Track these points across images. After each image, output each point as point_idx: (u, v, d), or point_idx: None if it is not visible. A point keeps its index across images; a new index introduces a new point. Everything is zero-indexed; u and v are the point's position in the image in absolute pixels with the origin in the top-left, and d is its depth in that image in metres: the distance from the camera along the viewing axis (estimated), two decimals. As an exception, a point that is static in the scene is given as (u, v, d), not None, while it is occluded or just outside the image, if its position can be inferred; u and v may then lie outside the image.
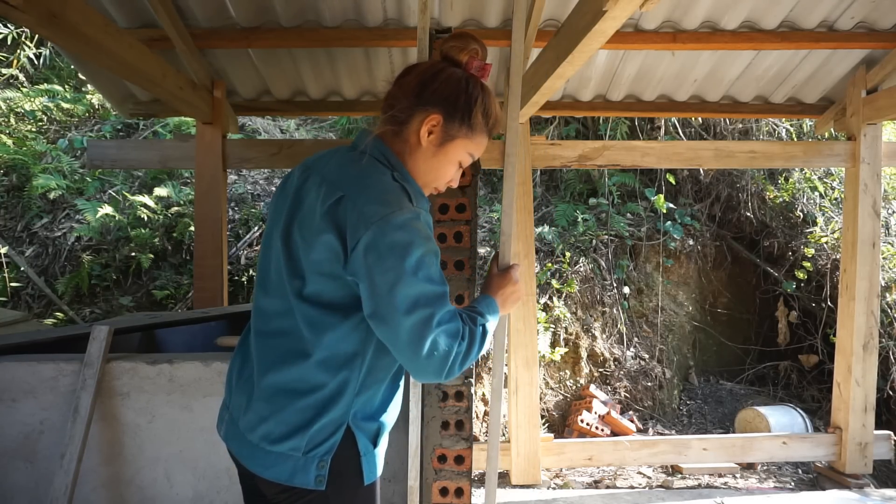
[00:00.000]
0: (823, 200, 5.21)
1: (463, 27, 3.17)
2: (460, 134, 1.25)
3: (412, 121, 1.24)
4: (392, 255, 1.09)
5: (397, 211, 1.12)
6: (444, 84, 1.23)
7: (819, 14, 3.10)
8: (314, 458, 1.18)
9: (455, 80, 1.24)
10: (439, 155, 1.27)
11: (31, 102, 5.47)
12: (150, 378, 2.01)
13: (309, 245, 1.17)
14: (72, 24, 1.93)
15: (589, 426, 4.17)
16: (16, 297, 4.48)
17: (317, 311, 1.18)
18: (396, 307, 1.09)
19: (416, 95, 1.23)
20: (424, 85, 1.24)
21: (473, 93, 1.24)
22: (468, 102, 1.23)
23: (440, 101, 1.22)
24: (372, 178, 1.19)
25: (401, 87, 1.27)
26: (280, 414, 1.20)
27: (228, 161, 3.45)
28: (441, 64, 1.27)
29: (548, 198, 5.51)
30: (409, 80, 1.27)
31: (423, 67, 1.29)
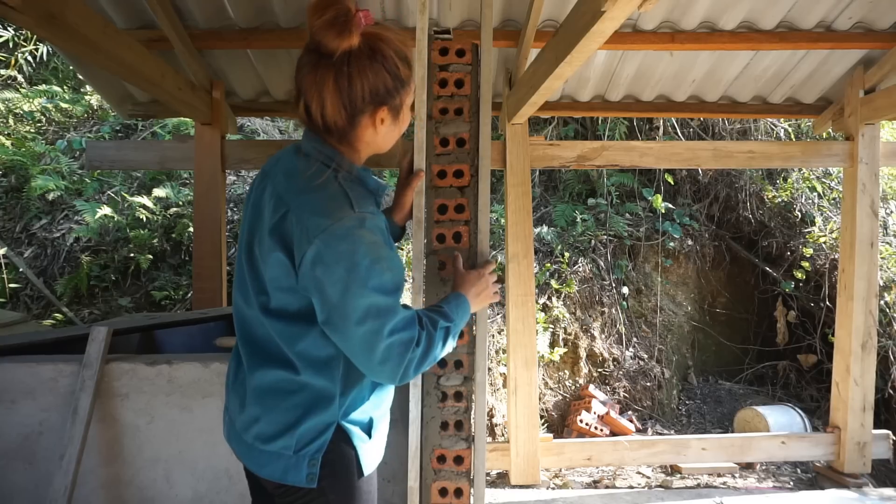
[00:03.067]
0: (822, 200, 5.22)
1: (462, 27, 3.17)
2: (404, 97, 1.24)
3: (361, 129, 1.22)
4: (339, 266, 1.09)
5: (337, 221, 1.10)
6: (365, 83, 1.16)
7: (817, 14, 3.11)
8: (305, 457, 1.20)
9: (366, 70, 1.16)
10: (398, 125, 1.27)
11: (29, 103, 5.46)
12: (149, 379, 2.01)
13: (265, 263, 1.19)
14: (70, 25, 1.93)
15: (588, 426, 4.17)
16: (15, 298, 4.47)
17: (285, 324, 1.19)
18: (347, 317, 1.11)
19: (349, 115, 1.18)
20: (351, 101, 1.17)
21: (386, 59, 1.17)
22: (392, 73, 1.19)
23: (373, 97, 1.18)
24: (313, 188, 1.17)
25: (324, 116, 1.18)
26: (270, 414, 1.22)
27: (227, 162, 3.45)
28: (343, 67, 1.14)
29: (546, 198, 5.51)
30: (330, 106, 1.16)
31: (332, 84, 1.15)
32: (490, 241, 1.81)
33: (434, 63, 1.85)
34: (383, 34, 1.19)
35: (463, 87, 1.85)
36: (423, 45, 1.75)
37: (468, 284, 1.47)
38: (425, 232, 1.76)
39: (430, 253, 1.79)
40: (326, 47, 1.13)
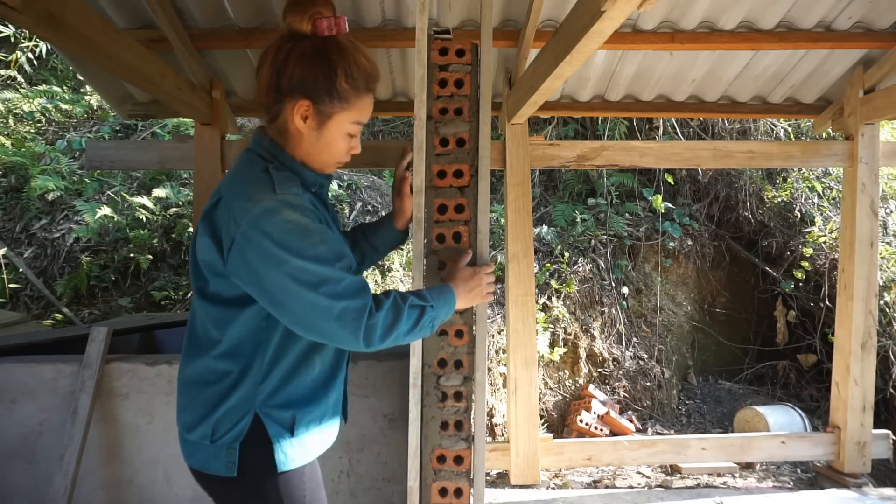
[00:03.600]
0: (821, 200, 5.22)
1: (462, 27, 3.17)
2: (335, 109, 1.22)
3: (283, 113, 1.22)
4: (269, 244, 1.10)
5: (258, 203, 1.12)
6: (297, 67, 1.18)
7: (817, 14, 3.11)
8: (223, 446, 1.21)
9: (307, 59, 1.18)
10: (324, 135, 1.25)
11: (29, 103, 5.46)
12: (149, 379, 2.01)
13: (197, 247, 1.22)
14: (70, 25, 1.93)
15: (588, 426, 4.17)
16: (14, 298, 4.47)
17: (218, 308, 1.21)
18: (288, 291, 1.11)
19: (275, 89, 1.20)
20: (279, 74, 1.19)
21: (331, 65, 1.18)
22: (329, 76, 1.18)
23: (300, 86, 1.19)
24: (242, 174, 1.22)
25: (259, 82, 1.24)
26: (192, 403, 1.25)
27: (227, 162, 3.44)
28: (288, 44, 1.20)
29: (546, 198, 5.51)
30: (263, 73, 1.22)
31: (272, 54, 1.21)
32: (490, 240, 1.81)
33: (434, 63, 1.85)
34: (342, 43, 1.20)
35: (463, 87, 1.85)
36: (422, 45, 1.75)
37: (459, 279, 1.48)
38: (425, 232, 1.77)
39: (430, 253, 1.79)
40: (285, 23, 1.21)
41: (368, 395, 2.12)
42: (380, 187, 5.61)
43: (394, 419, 2.12)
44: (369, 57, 1.25)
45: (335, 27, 1.19)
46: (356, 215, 5.13)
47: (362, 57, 1.22)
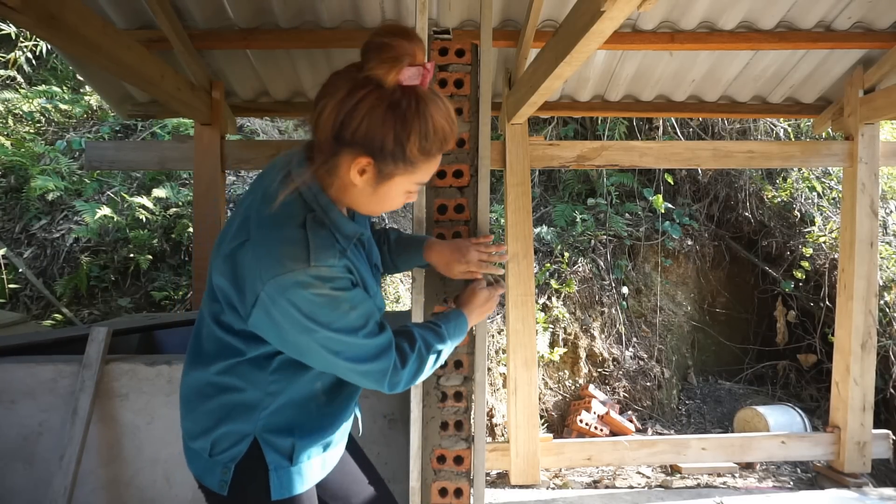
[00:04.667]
0: (821, 200, 5.22)
1: (461, 27, 3.17)
2: (398, 172, 1.08)
3: (339, 161, 1.07)
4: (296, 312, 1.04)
5: (289, 273, 1.02)
6: (366, 120, 1.02)
7: (816, 14, 3.11)
8: (219, 463, 1.18)
9: (379, 114, 1.01)
10: (379, 192, 1.11)
11: (29, 104, 5.46)
12: (148, 379, 2.01)
13: (216, 277, 1.14)
14: (70, 26, 1.93)
15: (588, 426, 4.17)
16: (14, 298, 4.47)
17: (231, 336, 1.16)
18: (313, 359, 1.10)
19: (335, 136, 1.04)
20: (343, 124, 1.03)
21: (405, 126, 1.02)
22: (399, 140, 1.02)
23: (364, 142, 1.03)
24: (277, 223, 1.08)
25: (318, 121, 1.06)
26: (192, 414, 1.23)
27: (227, 162, 3.45)
28: (361, 91, 1.02)
29: (546, 198, 5.51)
30: (326, 114, 1.05)
31: (341, 96, 1.03)
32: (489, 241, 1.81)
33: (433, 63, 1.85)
34: (423, 100, 1.03)
35: (462, 88, 1.85)
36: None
37: (474, 304, 1.45)
38: (425, 232, 1.76)
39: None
40: (365, 65, 1.03)
41: (368, 395, 2.12)
42: (379, 187, 5.61)
43: (394, 419, 2.12)
44: (450, 115, 1.08)
45: (419, 77, 1.02)
46: (356, 215, 5.14)
47: (442, 117, 1.05)
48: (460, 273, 1.54)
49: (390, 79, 1.01)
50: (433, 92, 1.05)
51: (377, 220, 5.17)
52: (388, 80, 1.01)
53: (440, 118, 1.05)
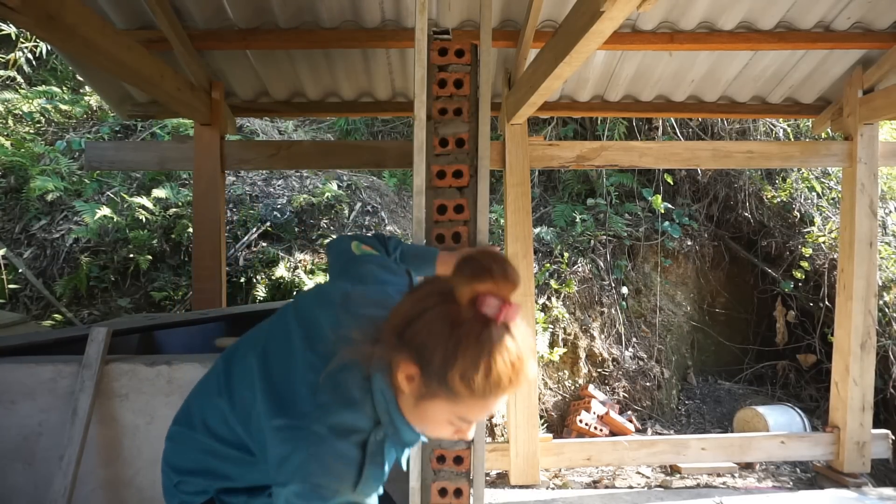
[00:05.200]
0: (821, 200, 5.22)
1: (461, 27, 3.17)
2: (439, 395, 0.98)
3: (393, 360, 1.00)
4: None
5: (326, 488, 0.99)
6: (425, 329, 0.96)
7: (816, 14, 3.11)
8: (177, 496, 1.24)
9: (438, 327, 0.95)
10: (420, 409, 1.02)
11: (28, 104, 5.46)
12: (148, 379, 2.01)
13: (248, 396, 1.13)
14: (69, 26, 1.93)
15: (588, 426, 4.17)
16: (14, 298, 4.47)
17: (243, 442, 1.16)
18: None
19: (398, 334, 0.99)
20: (409, 322, 0.98)
21: (455, 348, 0.93)
22: (446, 361, 0.93)
23: (417, 349, 0.97)
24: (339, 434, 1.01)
25: (394, 313, 1.03)
26: (178, 446, 1.27)
27: (227, 162, 3.45)
28: (435, 298, 0.98)
29: (546, 198, 5.51)
30: (400, 307, 1.03)
31: (419, 295, 1.01)
32: (489, 241, 1.81)
33: (433, 63, 1.85)
34: (490, 337, 0.93)
35: (462, 88, 1.85)
36: (422, 46, 1.75)
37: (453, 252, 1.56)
38: (425, 232, 1.77)
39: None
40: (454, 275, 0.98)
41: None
42: (379, 187, 5.61)
43: (393, 419, 2.12)
44: (517, 363, 0.95)
45: (497, 311, 0.93)
46: (356, 215, 5.14)
47: (504, 361, 0.93)
48: None
49: (466, 298, 0.95)
50: (510, 331, 0.95)
51: (378, 221, 5.17)
52: (463, 297, 0.95)
53: (501, 360, 0.93)
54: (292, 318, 1.18)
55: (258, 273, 4.54)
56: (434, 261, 1.58)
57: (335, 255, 1.41)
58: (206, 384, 1.27)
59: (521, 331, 0.97)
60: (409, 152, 1.92)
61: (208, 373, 1.29)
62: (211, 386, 1.24)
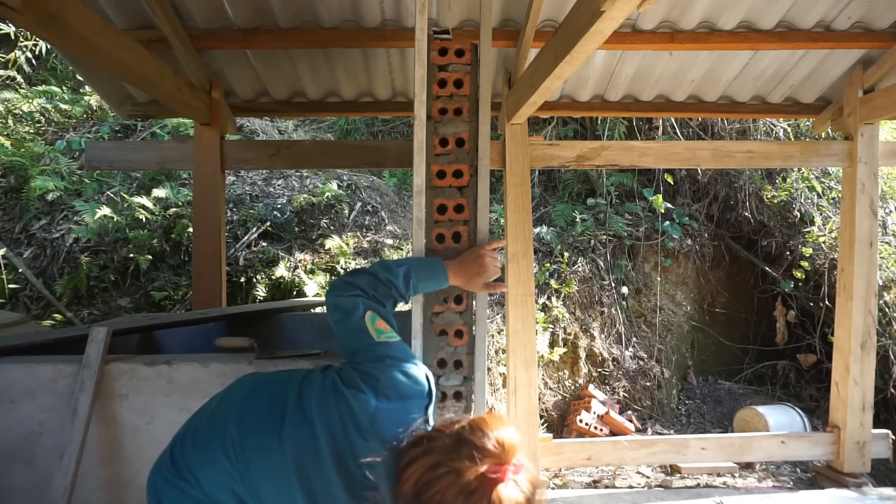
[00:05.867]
0: (821, 200, 5.22)
1: (461, 27, 3.17)
2: None
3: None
4: None
5: None
6: (439, 496, 1.05)
7: (816, 14, 3.11)
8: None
9: (451, 496, 1.04)
10: None
11: (28, 104, 5.46)
12: (148, 379, 2.01)
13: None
14: (70, 26, 1.93)
15: (588, 426, 4.17)
16: (14, 298, 4.47)
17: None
18: None
19: (415, 495, 1.08)
20: (424, 487, 1.07)
21: None
22: None
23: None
24: None
25: (407, 469, 1.11)
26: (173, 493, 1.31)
27: (227, 162, 3.45)
28: (446, 468, 1.06)
29: (546, 198, 5.51)
30: (413, 469, 1.10)
31: (431, 463, 1.08)
32: (489, 240, 1.81)
33: (433, 63, 1.85)
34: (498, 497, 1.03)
35: (462, 87, 1.85)
36: (422, 46, 1.75)
37: (459, 259, 1.59)
38: (425, 232, 1.77)
39: (429, 252, 1.79)
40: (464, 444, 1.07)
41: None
42: (379, 187, 5.61)
43: (393, 419, 2.12)
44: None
45: (501, 474, 1.04)
46: (356, 215, 5.14)
47: None
48: (484, 287, 1.65)
49: (474, 472, 1.03)
50: (518, 483, 1.05)
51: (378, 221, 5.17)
52: (470, 473, 1.04)
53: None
54: (319, 427, 1.21)
55: (258, 273, 4.54)
56: (446, 275, 1.59)
57: (347, 327, 1.38)
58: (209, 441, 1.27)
59: (528, 474, 1.07)
60: (409, 152, 1.92)
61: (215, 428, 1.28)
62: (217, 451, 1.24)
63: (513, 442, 1.08)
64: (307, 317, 3.31)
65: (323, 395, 1.25)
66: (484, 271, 1.63)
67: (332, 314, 1.41)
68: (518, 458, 1.07)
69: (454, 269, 1.60)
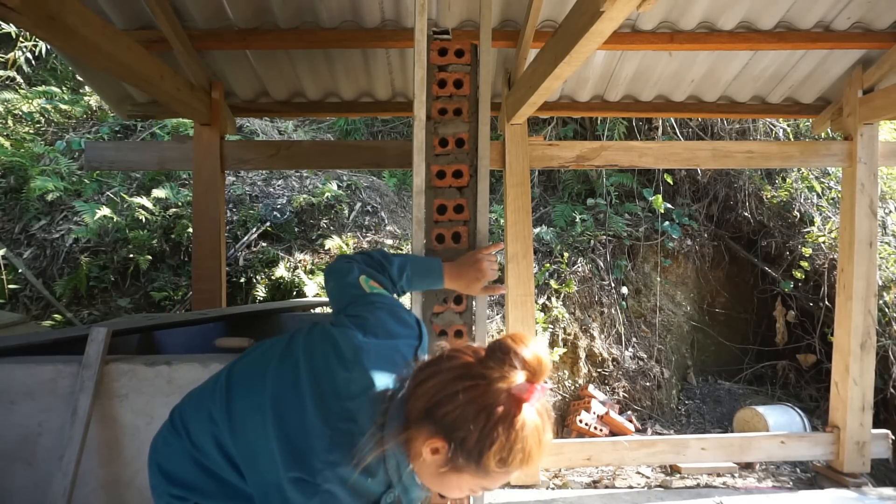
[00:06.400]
0: (821, 200, 5.23)
1: (461, 27, 3.17)
2: (468, 471, 1.02)
3: (418, 432, 1.03)
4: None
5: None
6: (458, 410, 0.99)
7: (815, 14, 3.11)
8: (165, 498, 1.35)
9: (472, 411, 0.98)
10: (442, 477, 1.05)
11: (28, 104, 5.46)
12: (148, 379, 2.01)
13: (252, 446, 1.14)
14: (69, 26, 1.93)
15: (587, 426, 4.17)
16: (14, 299, 4.47)
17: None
18: None
19: (426, 410, 1.03)
20: (439, 403, 1.01)
21: (491, 431, 0.97)
22: (481, 441, 0.97)
23: (446, 427, 1.00)
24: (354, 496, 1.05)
25: (417, 388, 1.05)
26: (168, 450, 1.39)
27: (226, 162, 3.45)
28: (467, 381, 1.00)
29: (546, 198, 5.52)
30: (427, 387, 1.04)
31: (448, 378, 1.03)
32: (489, 241, 1.81)
33: (433, 63, 1.85)
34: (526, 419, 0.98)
35: (462, 88, 1.85)
36: (422, 46, 1.75)
37: (458, 262, 1.59)
38: (425, 232, 1.77)
39: (429, 252, 1.79)
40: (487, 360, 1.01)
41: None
42: (379, 187, 5.61)
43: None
44: (544, 440, 1.02)
45: (527, 393, 0.98)
46: (356, 215, 5.14)
47: (534, 440, 1.00)
48: (483, 290, 1.66)
49: (501, 384, 0.98)
50: (538, 410, 1.01)
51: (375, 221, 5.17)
52: (497, 383, 0.99)
53: (531, 440, 0.99)
54: (302, 362, 1.17)
55: (258, 273, 4.54)
56: (442, 275, 1.58)
57: (341, 284, 1.38)
58: (202, 396, 1.28)
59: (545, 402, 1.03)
60: (408, 152, 1.92)
61: (209, 385, 1.29)
62: (207, 402, 1.24)
63: (547, 360, 1.02)
64: (307, 317, 3.31)
65: (310, 337, 1.23)
66: (482, 276, 1.63)
67: (328, 282, 1.43)
68: (547, 379, 1.02)
69: (452, 274, 1.61)
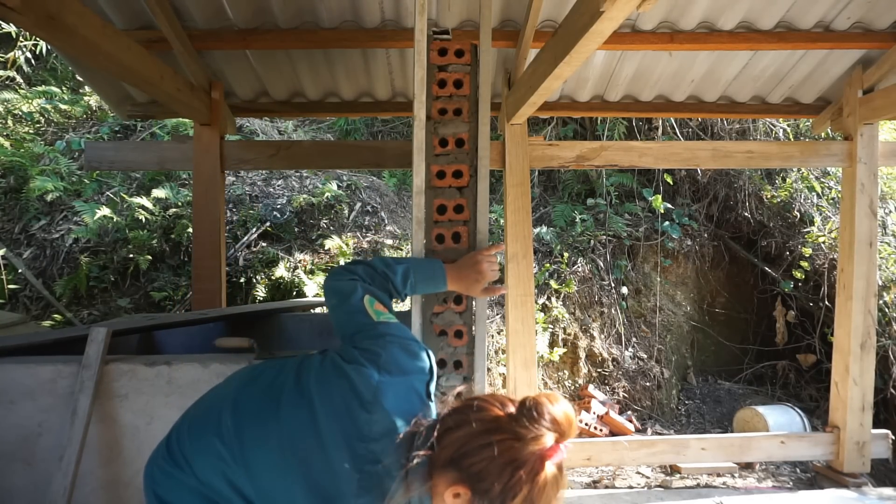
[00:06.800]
0: (821, 200, 5.23)
1: (461, 28, 3.17)
2: None
3: (442, 477, 1.06)
4: None
5: None
6: (485, 463, 1.02)
7: (815, 14, 3.11)
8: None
9: (499, 465, 1.00)
10: None
11: (28, 104, 5.46)
12: (148, 380, 2.01)
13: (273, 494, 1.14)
14: (69, 26, 1.93)
15: (587, 426, 4.17)
16: (14, 299, 4.47)
17: None
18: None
19: (452, 459, 1.05)
20: (466, 454, 1.04)
21: (516, 485, 0.99)
22: (505, 494, 1.00)
23: (471, 476, 1.03)
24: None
25: (444, 436, 1.07)
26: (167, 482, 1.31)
27: (226, 162, 3.45)
28: (496, 435, 1.02)
29: (546, 198, 5.52)
30: (455, 437, 1.06)
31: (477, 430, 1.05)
32: (489, 241, 1.81)
33: (433, 63, 1.85)
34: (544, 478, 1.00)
35: (462, 88, 1.85)
36: (422, 46, 1.75)
37: (458, 263, 1.58)
38: (424, 232, 1.77)
39: (429, 253, 1.79)
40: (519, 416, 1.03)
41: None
42: (379, 187, 5.61)
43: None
44: (561, 494, 1.06)
45: (552, 451, 1.01)
46: (356, 215, 5.14)
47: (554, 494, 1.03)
48: (483, 291, 1.67)
49: (533, 447, 1.00)
50: (559, 466, 1.03)
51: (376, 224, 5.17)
52: (530, 446, 1.00)
53: (551, 492, 1.02)
54: (318, 403, 1.17)
55: (258, 273, 4.54)
56: (444, 278, 1.59)
57: (345, 308, 1.37)
58: (204, 426, 1.24)
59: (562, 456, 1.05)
60: (408, 152, 1.92)
61: (211, 415, 1.26)
62: (210, 435, 1.21)
63: (576, 420, 1.05)
64: (307, 317, 3.31)
65: (322, 373, 1.21)
66: (482, 277, 1.63)
67: (330, 298, 1.41)
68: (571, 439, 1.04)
69: (453, 276, 1.61)
